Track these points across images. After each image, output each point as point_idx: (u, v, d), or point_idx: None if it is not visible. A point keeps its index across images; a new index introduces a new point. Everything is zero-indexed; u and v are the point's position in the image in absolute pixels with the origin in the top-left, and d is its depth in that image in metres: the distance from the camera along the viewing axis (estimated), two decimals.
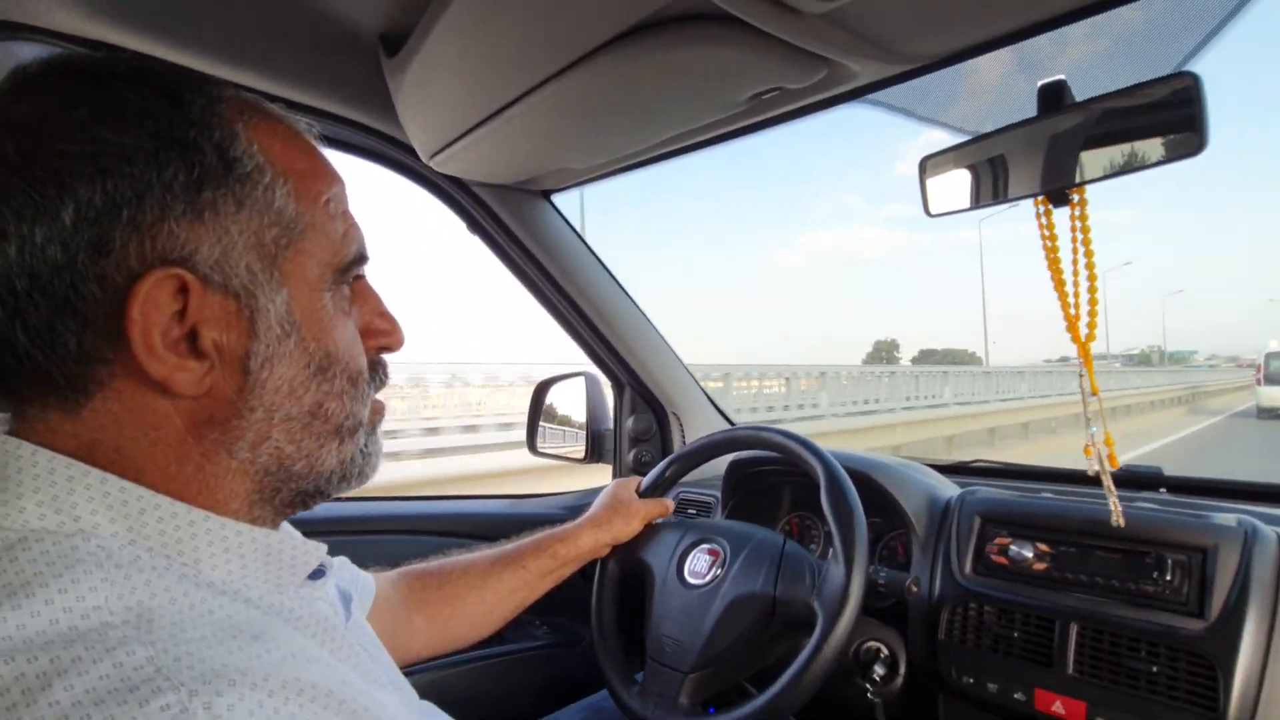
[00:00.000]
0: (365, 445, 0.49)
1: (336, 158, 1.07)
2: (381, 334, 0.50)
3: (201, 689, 0.30)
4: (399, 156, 1.08)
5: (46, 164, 0.36)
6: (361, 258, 0.47)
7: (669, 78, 0.72)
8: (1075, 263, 0.65)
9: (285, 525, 0.53)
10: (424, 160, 1.01)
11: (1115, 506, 0.76)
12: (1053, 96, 0.72)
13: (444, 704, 0.69)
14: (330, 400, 0.45)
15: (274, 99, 0.91)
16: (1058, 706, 0.75)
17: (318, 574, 0.48)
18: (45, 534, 0.35)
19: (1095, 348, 0.67)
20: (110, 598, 0.33)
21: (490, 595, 0.86)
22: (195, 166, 0.39)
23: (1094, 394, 0.68)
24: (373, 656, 0.54)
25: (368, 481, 0.50)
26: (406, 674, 0.61)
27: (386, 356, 0.52)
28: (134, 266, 0.37)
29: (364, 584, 0.71)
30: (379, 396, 0.51)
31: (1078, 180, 0.70)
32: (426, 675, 1.06)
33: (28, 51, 0.78)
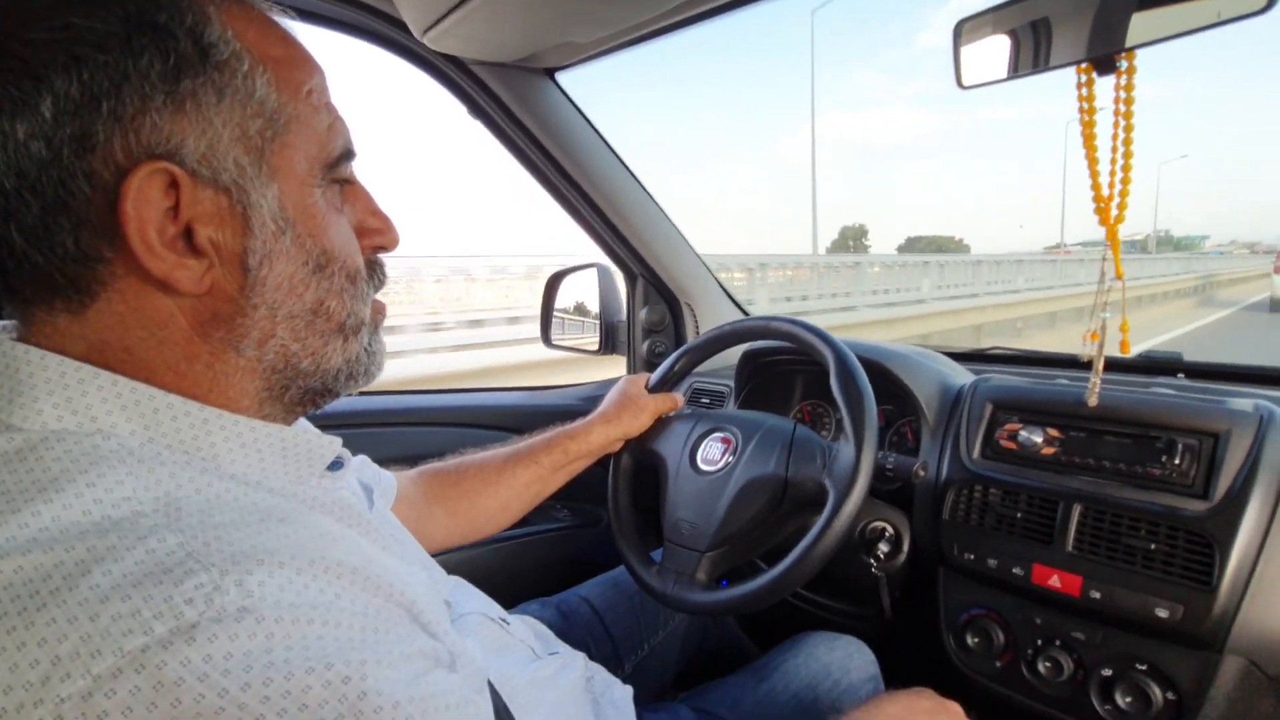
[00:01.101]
0: (369, 344, 0.49)
1: (329, 37, 1.01)
2: (375, 233, 0.50)
3: (232, 568, 0.32)
4: (392, 34, 1.01)
5: (17, 54, 0.34)
6: (349, 153, 0.46)
7: None
8: (1115, 138, 0.61)
9: (301, 420, 0.54)
10: (418, 37, 0.94)
11: (1094, 385, 0.76)
12: None
13: (471, 581, 0.73)
14: (331, 298, 0.45)
15: None
16: (1054, 580, 0.78)
17: (336, 466, 0.49)
18: (66, 434, 0.36)
19: (1088, 234, 0.63)
20: (138, 489, 0.34)
21: (505, 490, 0.89)
22: (170, 54, 0.37)
23: (1118, 278, 0.65)
24: (399, 540, 0.57)
25: (374, 380, 0.50)
26: (434, 556, 0.65)
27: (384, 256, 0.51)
28: (121, 161, 0.36)
29: (385, 480, 0.74)
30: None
31: (1129, 44, 0.64)
32: (454, 555, 1.12)
33: None
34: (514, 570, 1.25)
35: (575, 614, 0.99)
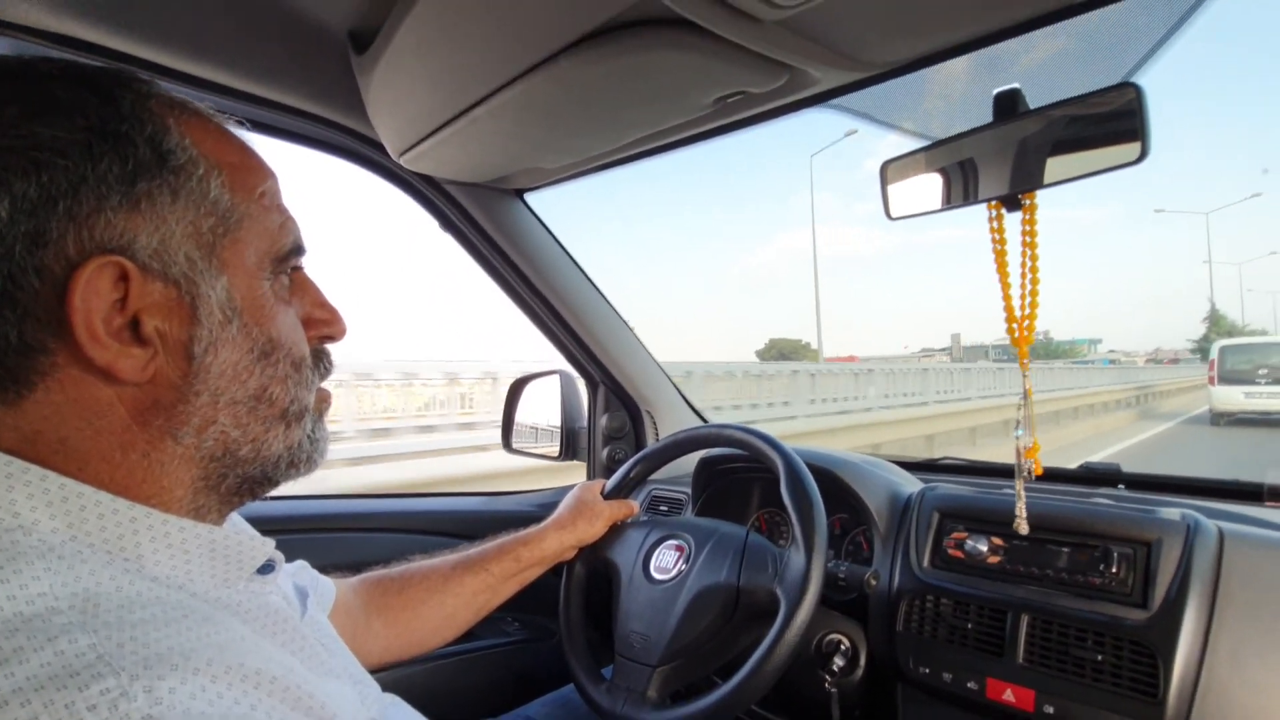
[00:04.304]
0: (312, 432, 0.50)
1: (309, 155, 1.07)
2: (323, 324, 0.52)
3: (143, 674, 0.30)
4: (369, 154, 1.08)
5: None
6: (298, 249, 0.49)
7: (631, 81, 0.73)
8: (1023, 265, 0.68)
9: (236, 519, 0.53)
10: (394, 158, 1.01)
11: (1020, 512, 0.79)
12: (1007, 103, 0.74)
13: (411, 699, 0.69)
14: (275, 385, 0.46)
15: (242, 95, 0.92)
16: (1008, 695, 0.77)
17: (267, 569, 0.48)
18: None
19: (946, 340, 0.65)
20: (55, 585, 0.33)
21: (451, 599, 0.86)
22: (129, 159, 0.40)
23: (1028, 397, 0.70)
24: (330, 650, 0.55)
25: (315, 469, 0.50)
26: (373, 672, 0.62)
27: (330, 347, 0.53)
28: (72, 256, 0.38)
29: (324, 586, 0.72)
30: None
31: (1029, 186, 0.73)
32: (394, 673, 1.06)
33: None
34: (457, 688, 1.18)
35: None
